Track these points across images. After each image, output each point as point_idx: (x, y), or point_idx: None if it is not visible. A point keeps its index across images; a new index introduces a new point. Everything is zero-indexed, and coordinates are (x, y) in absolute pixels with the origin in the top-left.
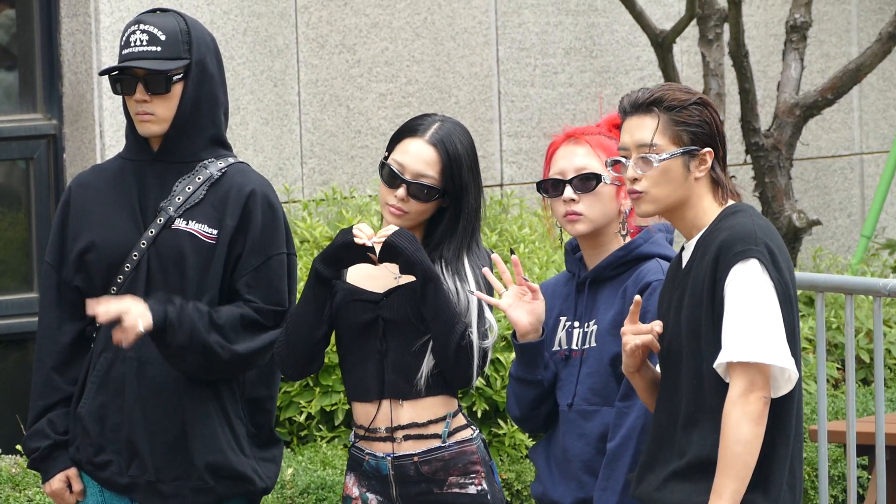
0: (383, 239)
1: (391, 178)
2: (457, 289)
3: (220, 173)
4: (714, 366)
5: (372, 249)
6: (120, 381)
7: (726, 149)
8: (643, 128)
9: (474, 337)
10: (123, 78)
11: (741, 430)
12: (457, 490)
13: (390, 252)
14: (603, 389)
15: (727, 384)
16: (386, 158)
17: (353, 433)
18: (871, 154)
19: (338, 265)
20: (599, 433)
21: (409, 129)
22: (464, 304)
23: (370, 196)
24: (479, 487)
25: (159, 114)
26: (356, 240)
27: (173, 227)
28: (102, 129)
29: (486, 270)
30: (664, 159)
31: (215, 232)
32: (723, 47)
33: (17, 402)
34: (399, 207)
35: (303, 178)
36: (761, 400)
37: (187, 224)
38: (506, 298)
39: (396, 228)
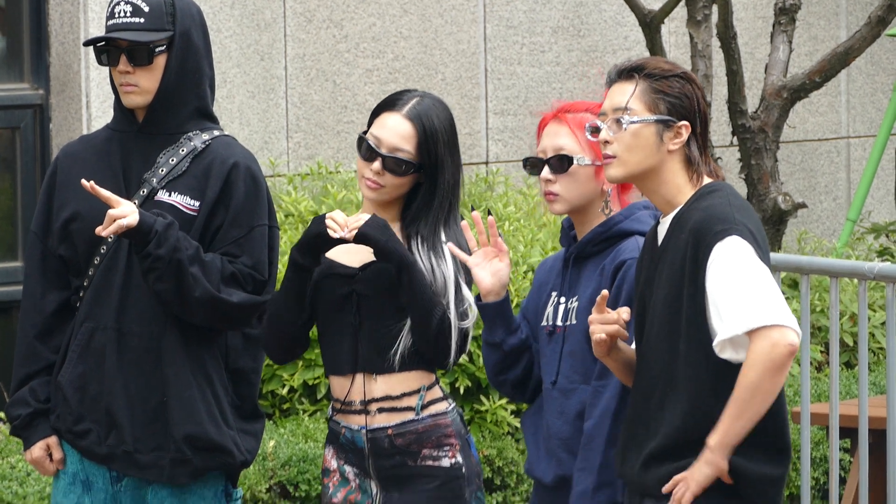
0: (356, 227)
1: (367, 151)
2: (433, 267)
3: (203, 145)
4: (714, 344)
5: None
6: (100, 351)
7: (707, 127)
8: (622, 92)
9: (453, 318)
10: (108, 49)
11: (764, 381)
12: (430, 462)
13: (363, 241)
14: (582, 367)
15: (701, 364)
16: (365, 133)
17: (330, 406)
18: (858, 138)
19: (314, 253)
20: (576, 411)
21: (387, 104)
22: (440, 284)
23: (355, 171)
24: (453, 460)
25: (143, 85)
26: (329, 232)
27: (156, 198)
28: (89, 99)
29: (464, 224)
30: (634, 122)
31: (197, 204)
32: (711, 28)
33: (0, 370)
34: (375, 181)
35: (288, 152)
36: (789, 347)
37: (170, 196)
38: (474, 257)
39: (368, 217)
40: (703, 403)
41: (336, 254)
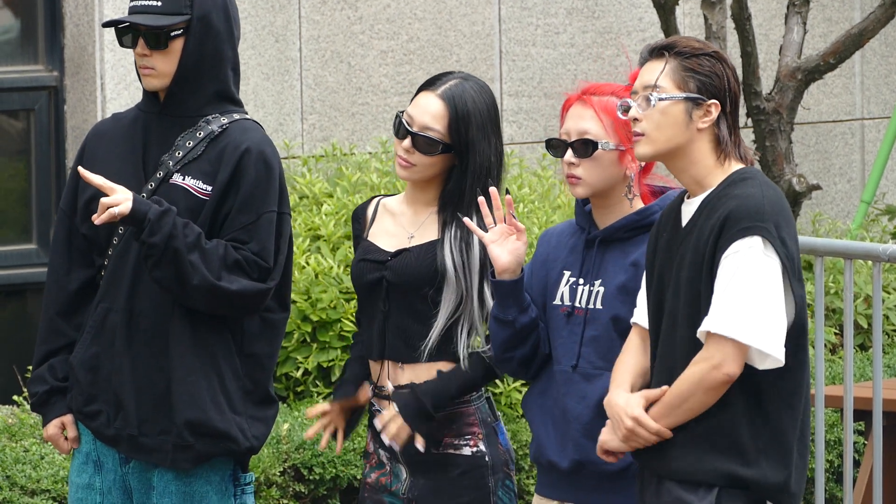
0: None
1: (400, 128)
2: (462, 262)
3: (220, 129)
4: (697, 334)
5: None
6: (112, 332)
7: (737, 108)
8: (652, 70)
9: (483, 350)
10: (129, 31)
11: (694, 396)
12: (451, 451)
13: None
14: (608, 353)
15: None
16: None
17: (370, 389)
18: (872, 119)
19: None
20: (599, 396)
21: (427, 83)
22: (464, 288)
23: (370, 153)
24: (475, 449)
25: (160, 68)
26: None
27: (171, 181)
28: (103, 81)
29: (481, 200)
30: (663, 99)
31: (210, 188)
32: (725, 10)
33: (14, 354)
34: (405, 159)
35: (303, 133)
36: (725, 377)
37: (184, 179)
38: (491, 234)
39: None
40: (722, 395)
41: (377, 236)
